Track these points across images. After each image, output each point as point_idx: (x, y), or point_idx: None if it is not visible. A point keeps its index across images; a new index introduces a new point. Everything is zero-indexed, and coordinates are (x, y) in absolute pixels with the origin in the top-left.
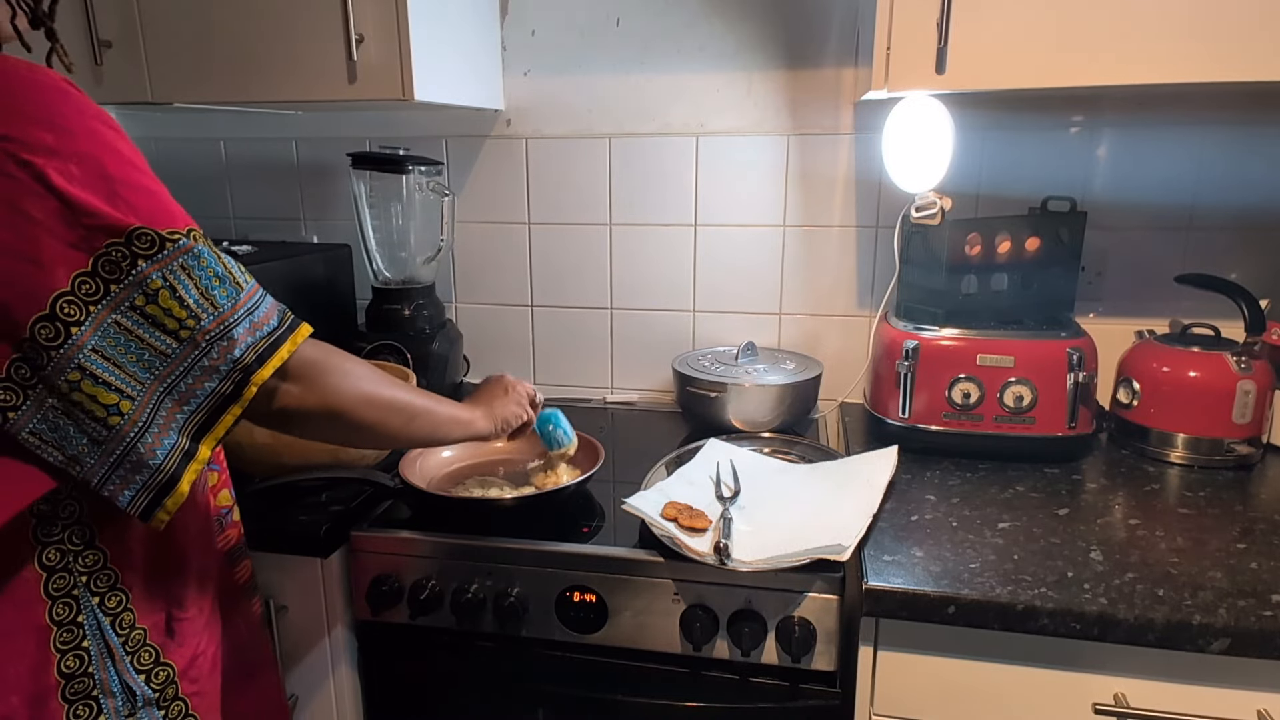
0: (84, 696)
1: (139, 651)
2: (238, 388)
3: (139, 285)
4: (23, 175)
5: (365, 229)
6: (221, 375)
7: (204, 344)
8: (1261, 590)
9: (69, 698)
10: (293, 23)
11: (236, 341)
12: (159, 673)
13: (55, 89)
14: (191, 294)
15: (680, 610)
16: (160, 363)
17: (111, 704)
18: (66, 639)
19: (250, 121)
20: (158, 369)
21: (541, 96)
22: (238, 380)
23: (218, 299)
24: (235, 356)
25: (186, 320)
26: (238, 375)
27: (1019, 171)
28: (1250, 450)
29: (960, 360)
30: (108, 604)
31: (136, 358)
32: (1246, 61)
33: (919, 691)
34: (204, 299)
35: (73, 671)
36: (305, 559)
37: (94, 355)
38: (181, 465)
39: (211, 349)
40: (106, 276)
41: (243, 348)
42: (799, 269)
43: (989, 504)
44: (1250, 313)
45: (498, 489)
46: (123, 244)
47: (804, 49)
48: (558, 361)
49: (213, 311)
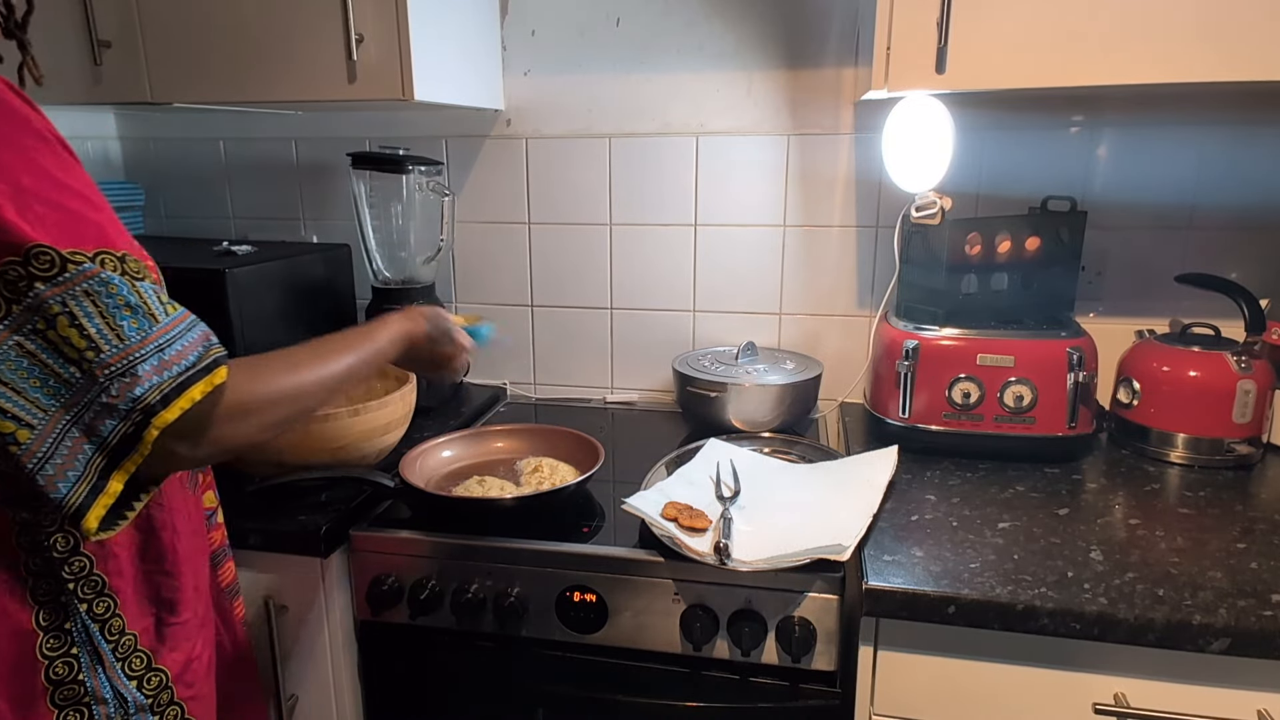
0: (74, 703)
1: (130, 657)
2: (138, 429)
3: (38, 309)
4: None
5: (365, 229)
6: (121, 415)
7: (103, 379)
8: (1261, 590)
9: (58, 703)
10: (292, 23)
11: (140, 379)
12: (151, 678)
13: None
14: (94, 323)
15: (680, 610)
16: (65, 390)
17: (103, 711)
18: (54, 645)
19: (250, 121)
20: (63, 396)
21: (541, 96)
22: (138, 421)
23: (125, 330)
24: (135, 395)
25: (86, 351)
26: (137, 416)
27: (1019, 171)
28: (1250, 450)
29: (960, 360)
30: (96, 610)
31: (40, 383)
32: (1247, 61)
33: (919, 691)
34: (109, 329)
35: (61, 678)
36: (305, 559)
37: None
38: (88, 500)
39: (111, 385)
40: (7, 295)
41: (146, 386)
42: (799, 269)
43: (989, 504)
44: (1250, 312)
45: (498, 489)
46: (20, 263)
47: (804, 49)
48: (558, 361)
49: (117, 344)
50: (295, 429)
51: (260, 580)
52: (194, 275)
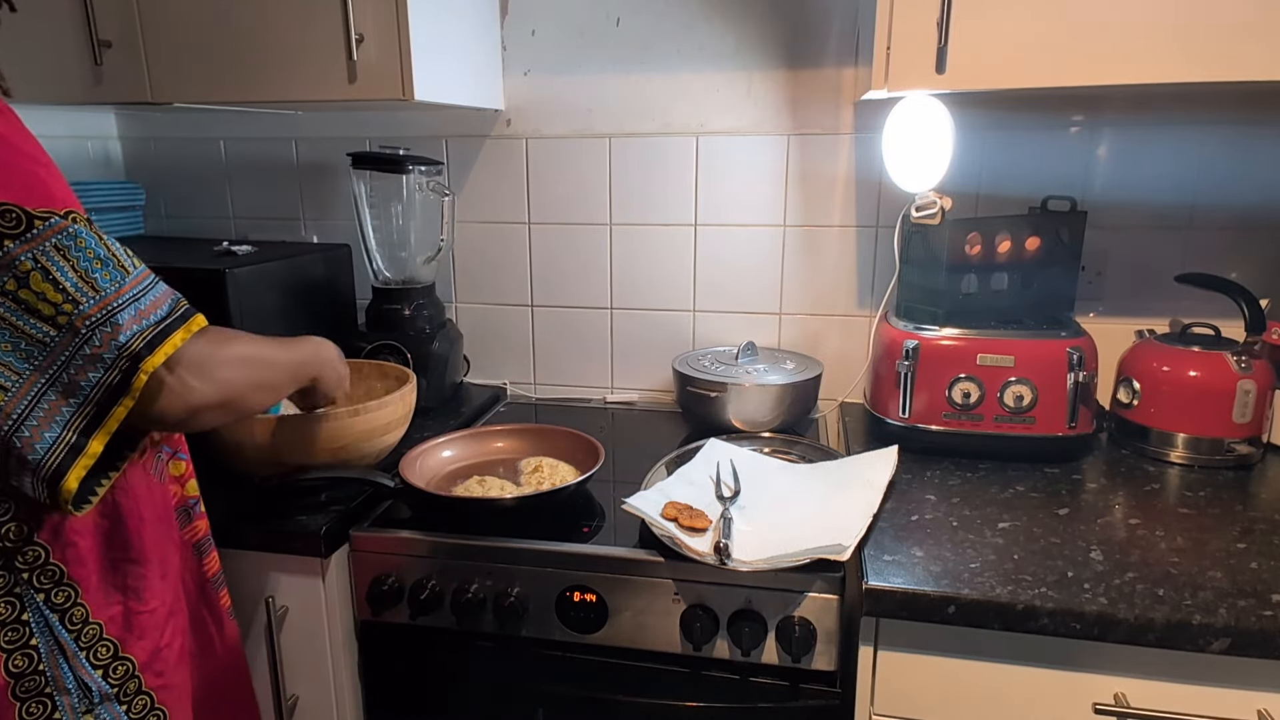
0: (36, 694)
1: (95, 646)
2: (125, 377)
3: (7, 268)
4: None
5: (365, 229)
6: (107, 364)
7: (84, 330)
8: (1261, 590)
9: (20, 696)
10: (293, 23)
11: (122, 327)
12: (117, 667)
13: None
14: (69, 277)
15: (680, 610)
16: (39, 352)
17: (67, 700)
18: (12, 638)
19: (250, 121)
20: (37, 359)
21: (541, 96)
22: (125, 368)
23: (99, 282)
24: (121, 342)
25: (64, 305)
26: (124, 363)
27: (1019, 171)
28: (1250, 450)
29: (960, 360)
30: (54, 600)
31: (12, 347)
32: (1246, 62)
33: (919, 691)
34: (83, 282)
35: (22, 670)
36: (305, 559)
37: None
38: (67, 461)
39: (94, 335)
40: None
41: (129, 334)
42: (799, 269)
43: (989, 504)
44: (1250, 312)
45: (498, 489)
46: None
47: (804, 49)
48: (558, 361)
49: (93, 295)
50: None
51: (261, 580)
52: (194, 275)
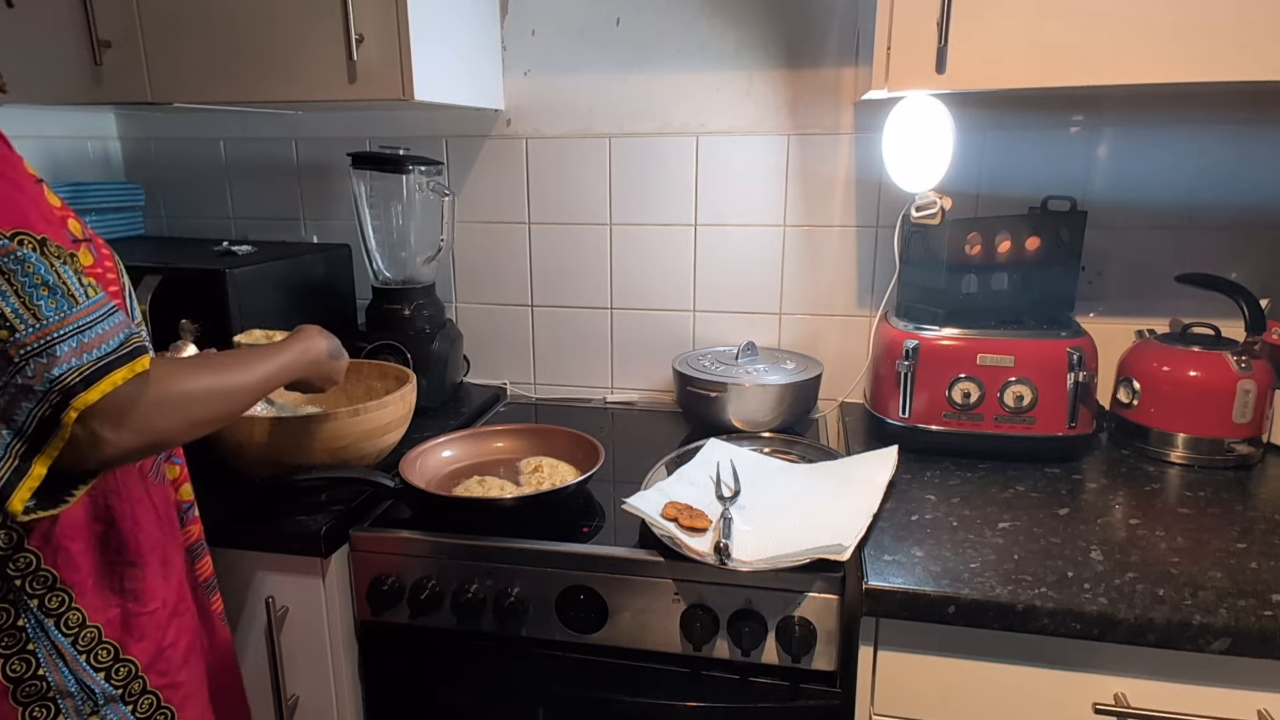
0: (38, 698)
1: (95, 649)
2: (56, 411)
3: None
4: None
5: (365, 229)
6: (39, 396)
7: (18, 359)
8: (1261, 590)
9: (21, 700)
10: (293, 23)
11: (59, 359)
12: (120, 669)
13: None
14: (10, 302)
15: (680, 610)
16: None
17: (70, 704)
18: (8, 643)
19: (250, 121)
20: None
21: (541, 96)
22: (55, 403)
23: (42, 310)
24: (54, 375)
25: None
26: (55, 398)
27: (1019, 171)
28: (1250, 450)
29: (960, 360)
30: (48, 605)
31: None
32: (1246, 61)
33: (919, 691)
34: (25, 309)
35: (20, 675)
36: (305, 559)
37: None
38: (12, 482)
39: (27, 365)
40: None
41: (64, 367)
42: (799, 269)
43: (989, 504)
44: (1250, 312)
45: (498, 489)
46: None
47: (804, 48)
48: (558, 361)
49: (34, 323)
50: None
51: (261, 580)
52: (194, 275)
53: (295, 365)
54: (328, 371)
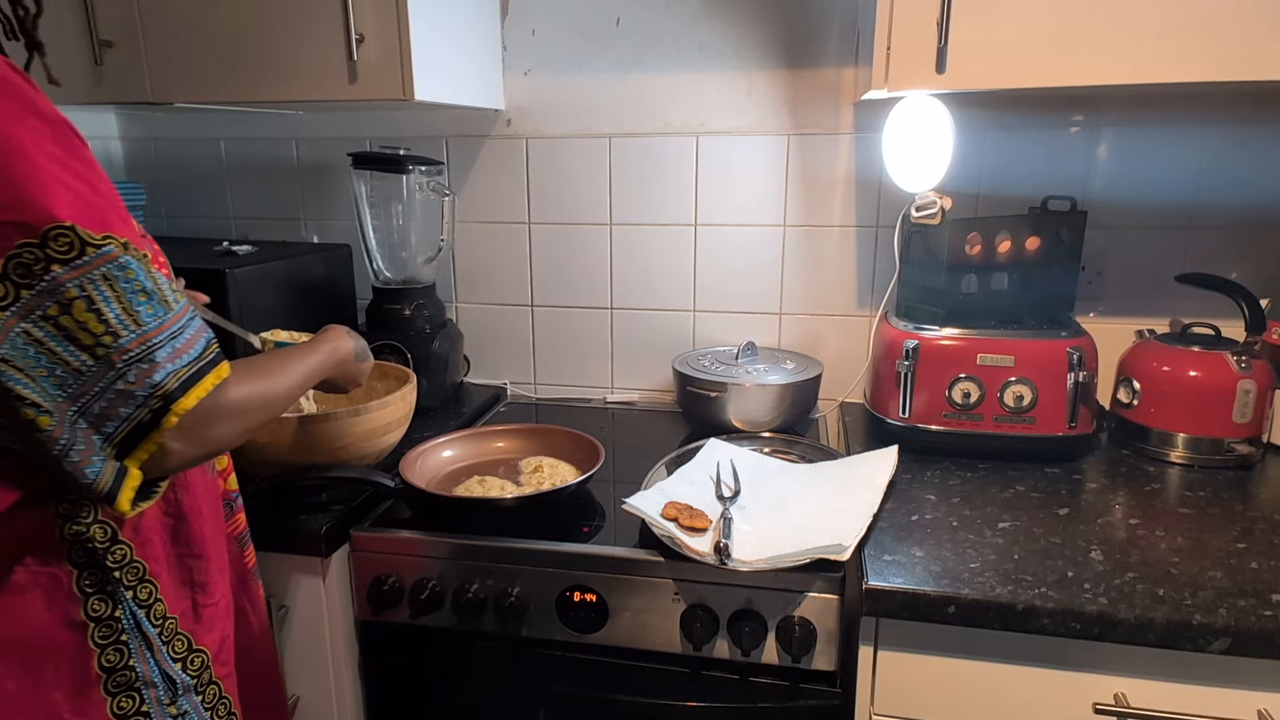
0: (126, 688)
1: (173, 640)
2: (156, 416)
3: (52, 293)
4: None
5: (365, 229)
6: (139, 401)
7: (121, 365)
8: (1261, 590)
9: (111, 690)
10: (293, 23)
11: (158, 365)
12: (194, 659)
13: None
14: (113, 308)
15: (680, 610)
16: (73, 380)
17: (153, 694)
18: (105, 634)
19: (250, 121)
20: (70, 387)
21: (541, 96)
22: (156, 409)
23: (142, 316)
24: (155, 381)
25: (104, 337)
26: (156, 403)
27: (1019, 171)
28: (1250, 450)
29: (960, 360)
30: (140, 596)
31: (47, 372)
32: (1247, 61)
33: (919, 691)
34: (126, 315)
35: (114, 665)
36: (305, 559)
37: (4, 366)
38: (116, 483)
39: (129, 371)
40: (17, 280)
41: (164, 373)
42: (799, 269)
43: (989, 504)
44: (1250, 312)
45: (498, 489)
46: (36, 245)
47: (804, 48)
48: (558, 361)
49: (135, 329)
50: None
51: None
52: (195, 275)
53: (325, 366)
54: (354, 373)
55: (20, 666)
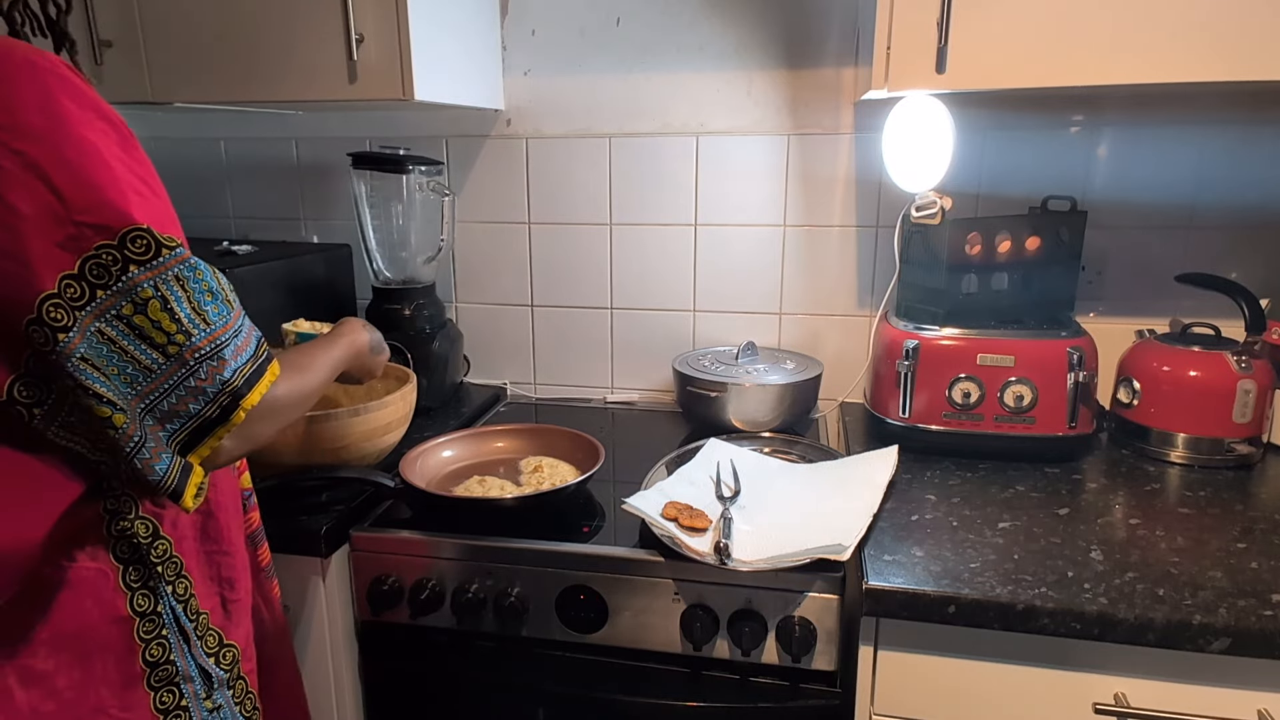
0: (167, 683)
1: (205, 635)
2: (225, 412)
3: (128, 293)
4: (12, 165)
5: (365, 229)
6: (209, 397)
7: (192, 362)
8: (1261, 590)
9: (154, 685)
10: (293, 23)
11: (226, 362)
12: (225, 654)
13: (51, 73)
14: (184, 307)
15: (680, 610)
16: (143, 378)
17: (190, 688)
18: (149, 629)
19: (250, 121)
20: (140, 384)
21: (541, 96)
22: (225, 404)
23: (210, 315)
24: (224, 378)
25: (176, 335)
26: (225, 399)
27: (1019, 171)
28: (1250, 450)
29: (960, 360)
30: (177, 591)
31: (119, 370)
32: (1247, 61)
33: (919, 691)
34: (196, 314)
35: (156, 660)
36: (305, 559)
37: (83, 365)
38: (182, 480)
39: (200, 368)
40: (94, 281)
41: (232, 369)
42: (799, 269)
43: (989, 504)
44: (1251, 312)
45: (498, 489)
46: (114, 246)
47: (804, 48)
48: (558, 361)
49: (205, 328)
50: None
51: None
52: None
53: (344, 359)
54: (370, 365)
55: (71, 662)
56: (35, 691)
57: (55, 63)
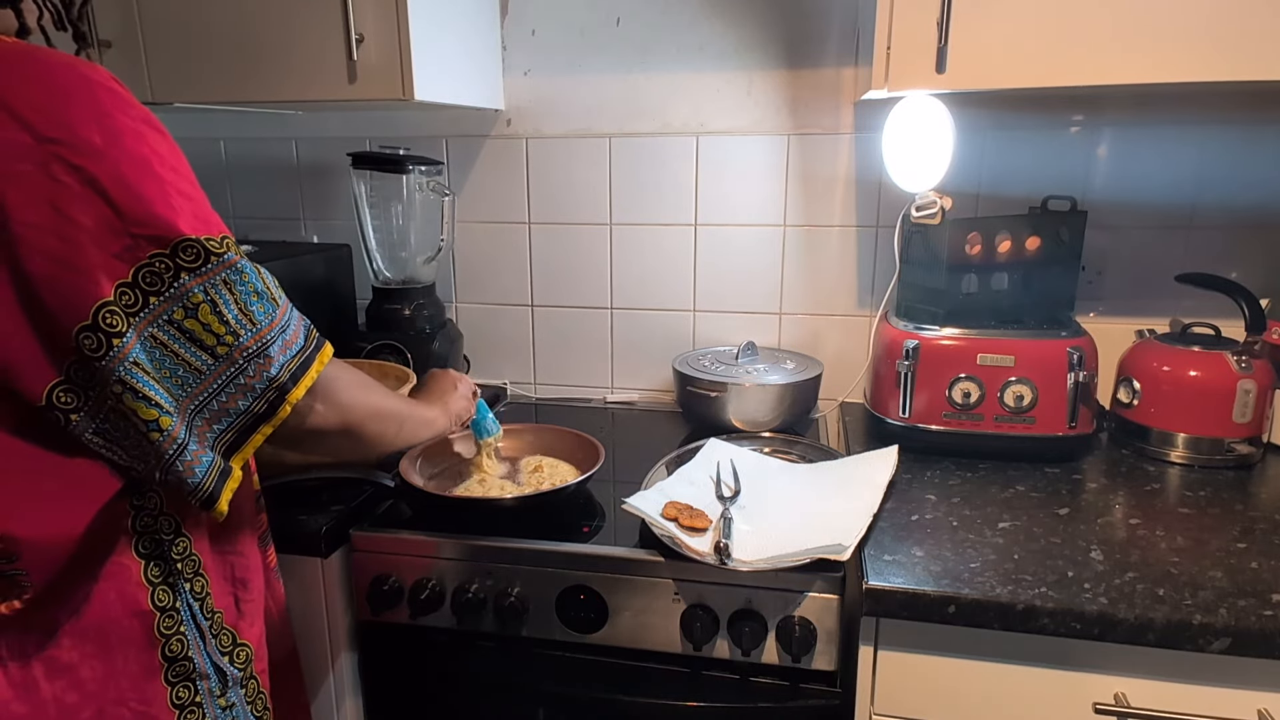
0: (184, 679)
1: (220, 634)
2: (271, 407)
3: (180, 299)
4: (71, 180)
5: (365, 229)
6: (256, 394)
7: (241, 361)
8: (1261, 590)
9: (171, 680)
10: (293, 23)
11: (273, 359)
12: (239, 653)
13: (103, 87)
14: (231, 309)
15: (680, 610)
16: (193, 380)
17: (206, 685)
18: (168, 624)
19: (250, 121)
20: (190, 386)
21: (541, 96)
22: (272, 399)
23: (256, 315)
24: (271, 375)
25: (225, 336)
26: (272, 394)
27: (1019, 171)
28: (1250, 450)
29: (960, 360)
30: (195, 589)
31: (170, 373)
32: (1247, 61)
33: (919, 691)
34: (243, 315)
35: (175, 655)
36: (305, 559)
37: (135, 369)
38: (219, 484)
39: (248, 366)
40: (146, 288)
41: (278, 366)
42: (799, 269)
43: (989, 503)
44: (1251, 312)
45: (498, 489)
46: (167, 255)
47: (804, 48)
48: (558, 361)
49: (251, 328)
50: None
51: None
52: None
53: (424, 433)
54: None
55: (94, 653)
56: (60, 683)
57: (106, 76)
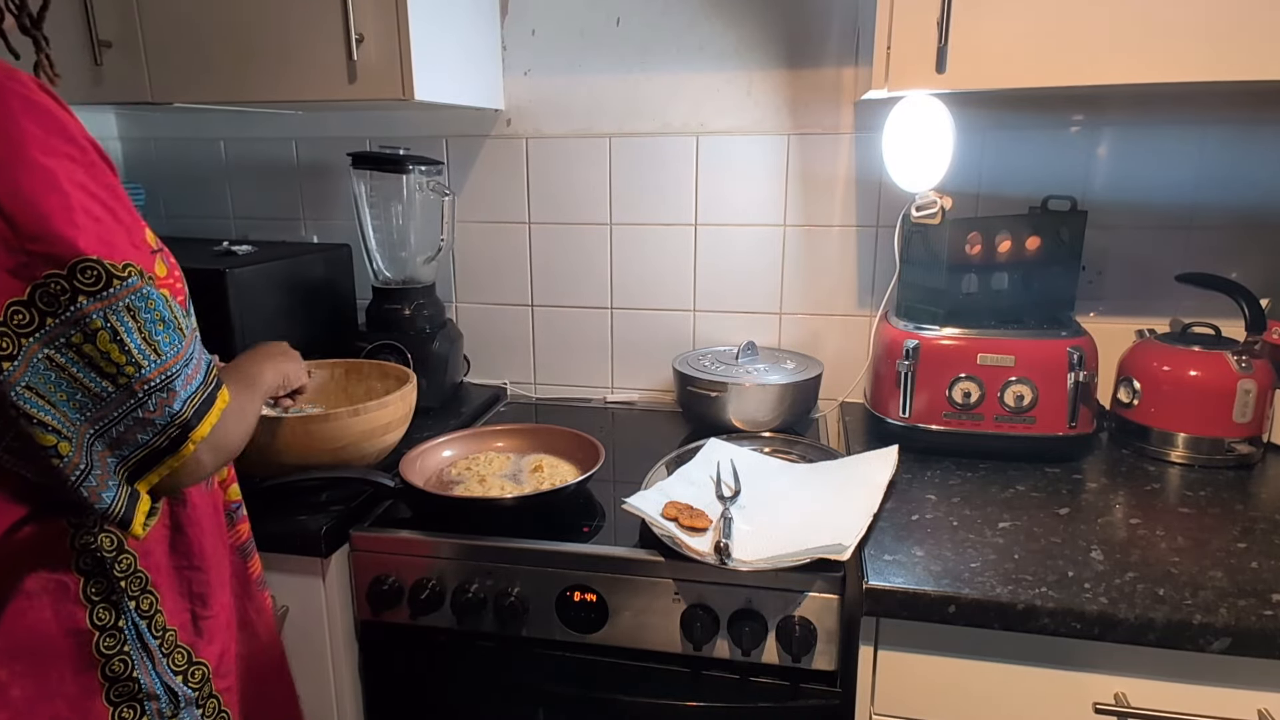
0: (129, 699)
1: (173, 653)
2: (174, 444)
3: (77, 323)
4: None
5: (365, 229)
6: (157, 429)
7: (141, 394)
8: (1262, 590)
9: (113, 700)
10: (293, 23)
11: (176, 394)
12: (194, 672)
13: (19, 95)
14: (134, 338)
15: (680, 610)
16: (93, 405)
17: (155, 705)
18: (110, 644)
19: (250, 121)
20: (89, 411)
21: (541, 96)
22: (174, 436)
23: (161, 345)
24: (174, 410)
25: (125, 366)
26: (175, 431)
27: (1019, 171)
28: (1251, 450)
29: (960, 360)
30: (142, 607)
31: (67, 397)
32: (1247, 61)
33: (919, 691)
34: (146, 344)
35: (118, 675)
36: (305, 559)
37: (27, 392)
38: (130, 508)
39: (149, 400)
40: (43, 308)
41: (181, 401)
42: (799, 269)
43: (989, 503)
44: (1251, 312)
45: (498, 489)
46: (64, 276)
47: (804, 48)
48: (558, 361)
49: (155, 359)
50: None
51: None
52: (194, 275)
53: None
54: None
55: (26, 672)
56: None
57: (26, 84)
